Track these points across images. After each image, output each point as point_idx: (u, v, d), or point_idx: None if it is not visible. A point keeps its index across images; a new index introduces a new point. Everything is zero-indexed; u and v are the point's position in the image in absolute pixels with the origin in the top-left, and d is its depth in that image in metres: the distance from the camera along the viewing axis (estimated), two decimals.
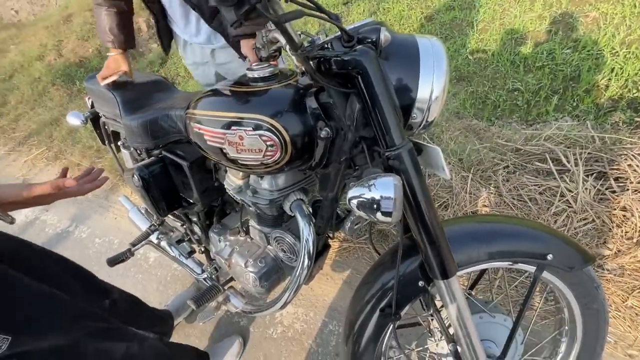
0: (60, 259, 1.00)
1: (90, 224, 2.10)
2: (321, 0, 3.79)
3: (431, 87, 0.54)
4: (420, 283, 0.69)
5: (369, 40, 0.52)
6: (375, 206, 0.49)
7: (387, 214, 0.50)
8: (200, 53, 1.32)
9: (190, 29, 1.24)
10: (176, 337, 1.37)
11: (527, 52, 2.22)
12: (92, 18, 5.18)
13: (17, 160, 2.96)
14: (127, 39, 1.17)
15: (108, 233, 2.00)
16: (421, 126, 0.58)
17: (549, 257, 0.67)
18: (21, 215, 2.30)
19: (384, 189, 0.49)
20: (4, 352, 0.64)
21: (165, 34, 1.28)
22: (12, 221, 0.71)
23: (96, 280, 1.09)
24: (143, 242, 1.25)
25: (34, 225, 2.26)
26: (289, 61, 1.82)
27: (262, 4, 0.39)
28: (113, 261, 1.14)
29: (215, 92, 0.73)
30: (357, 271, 1.38)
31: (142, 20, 4.30)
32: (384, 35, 0.51)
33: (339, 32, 0.53)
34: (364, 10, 3.45)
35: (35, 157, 2.89)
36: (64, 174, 0.82)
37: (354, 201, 0.51)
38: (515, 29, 2.41)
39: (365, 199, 0.50)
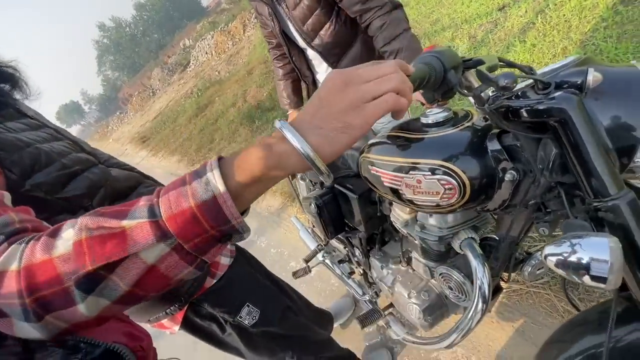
0: (260, 264, 1.32)
1: (268, 236, 2.60)
2: (472, 7, 3.58)
3: None
4: None
5: (571, 83, 0.49)
6: (582, 269, 0.44)
7: (600, 279, 0.43)
8: None
9: None
10: None
11: None
12: (267, 69, 6.53)
13: None
14: (298, 100, 1.56)
15: (280, 245, 2.43)
16: None
17: None
18: None
19: (595, 250, 0.43)
20: (254, 323, 0.89)
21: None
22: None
23: (280, 283, 1.36)
24: (317, 262, 1.47)
25: None
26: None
27: (460, 84, 0.43)
28: (295, 274, 1.39)
29: (390, 139, 0.81)
30: (532, 320, 1.18)
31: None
32: (593, 77, 0.46)
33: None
34: (526, 12, 3.05)
35: None
36: None
37: (552, 259, 0.47)
38: None
39: (568, 259, 0.45)
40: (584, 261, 0.43)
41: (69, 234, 0.35)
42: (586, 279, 0.44)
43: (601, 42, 2.15)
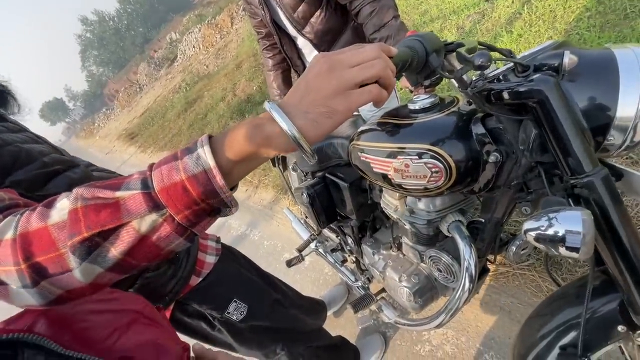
0: (248, 259, 1.32)
1: (261, 228, 2.61)
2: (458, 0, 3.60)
3: (638, 103, 0.47)
4: (621, 328, 0.59)
5: (548, 66, 0.51)
6: (558, 241, 0.47)
7: (573, 249, 0.46)
8: None
9: None
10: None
11: None
12: (256, 62, 6.46)
13: None
14: (288, 91, 1.52)
15: (273, 237, 2.44)
16: (622, 148, 0.51)
17: None
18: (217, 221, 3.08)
19: (569, 223, 0.46)
20: (242, 318, 0.90)
21: None
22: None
23: (269, 277, 1.37)
24: (310, 251, 1.49)
25: (223, 228, 2.97)
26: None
27: (442, 67, 0.45)
28: (289, 263, 1.41)
29: (379, 125, 0.83)
30: (518, 300, 1.23)
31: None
32: (569, 59, 0.48)
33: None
34: (512, 2, 3.08)
35: None
36: None
37: (532, 233, 0.50)
38: None
39: (546, 232, 0.48)
40: (559, 234, 0.46)
41: (64, 203, 0.36)
42: (562, 250, 0.46)
43: (585, 31, 2.19)
